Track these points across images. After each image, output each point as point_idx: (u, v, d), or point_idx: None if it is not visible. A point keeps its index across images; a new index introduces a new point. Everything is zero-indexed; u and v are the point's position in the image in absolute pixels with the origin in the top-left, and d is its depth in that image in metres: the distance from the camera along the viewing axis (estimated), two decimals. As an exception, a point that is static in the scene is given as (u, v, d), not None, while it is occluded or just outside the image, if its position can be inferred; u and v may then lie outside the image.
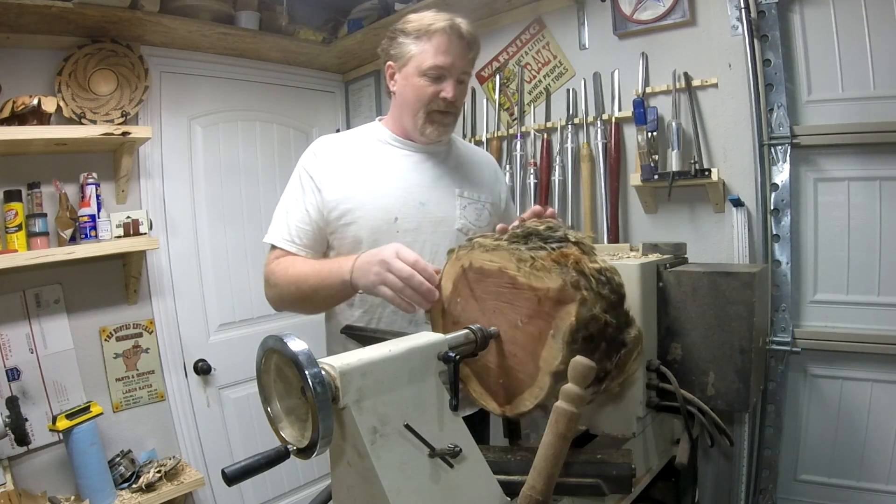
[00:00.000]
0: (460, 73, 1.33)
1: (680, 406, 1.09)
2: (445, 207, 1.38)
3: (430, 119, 1.34)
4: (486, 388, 0.98)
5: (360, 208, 1.32)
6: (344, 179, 1.34)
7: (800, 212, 1.73)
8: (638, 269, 1.10)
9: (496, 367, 0.95)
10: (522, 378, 0.90)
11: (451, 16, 1.32)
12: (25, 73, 1.98)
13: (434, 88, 1.31)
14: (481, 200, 1.44)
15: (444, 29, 1.29)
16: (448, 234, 1.37)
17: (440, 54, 1.29)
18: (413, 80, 1.33)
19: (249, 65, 2.58)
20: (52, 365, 1.99)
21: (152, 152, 2.29)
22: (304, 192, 1.35)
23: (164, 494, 1.95)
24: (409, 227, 1.33)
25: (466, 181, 1.44)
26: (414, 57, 1.32)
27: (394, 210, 1.33)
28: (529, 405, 0.89)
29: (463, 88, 1.36)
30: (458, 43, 1.30)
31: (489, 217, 1.45)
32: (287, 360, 0.71)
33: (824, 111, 1.68)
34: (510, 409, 0.93)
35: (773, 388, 1.73)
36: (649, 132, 1.87)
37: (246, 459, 0.71)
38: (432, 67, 1.30)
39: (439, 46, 1.29)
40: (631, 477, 0.95)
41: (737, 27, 1.74)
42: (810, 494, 1.75)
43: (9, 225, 1.84)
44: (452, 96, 1.31)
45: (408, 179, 1.37)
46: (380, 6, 2.47)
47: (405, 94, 1.35)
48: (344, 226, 1.32)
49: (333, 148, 1.39)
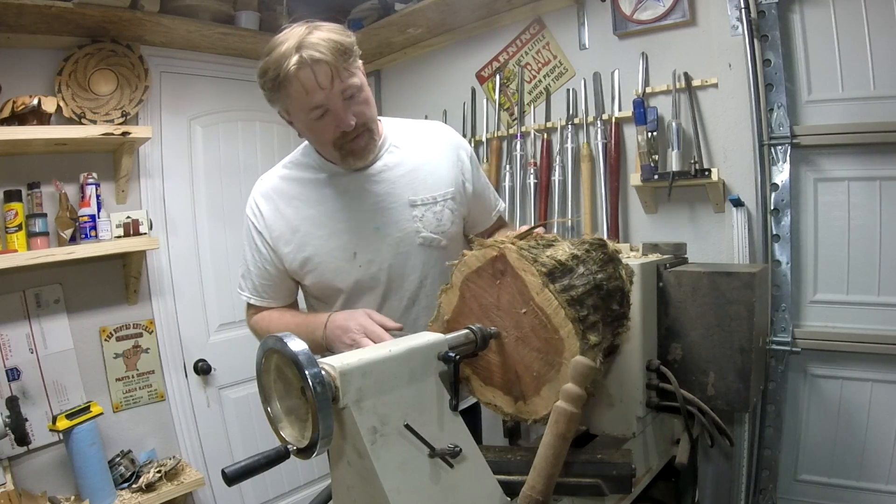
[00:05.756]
0: (342, 94, 1.17)
1: (680, 406, 1.09)
2: (401, 224, 1.29)
3: (344, 152, 1.24)
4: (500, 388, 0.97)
5: (318, 254, 1.28)
6: (293, 228, 1.29)
7: (800, 212, 1.73)
8: (638, 269, 1.10)
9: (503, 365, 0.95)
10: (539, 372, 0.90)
11: (297, 40, 1.13)
12: (25, 73, 1.98)
13: (329, 126, 1.19)
14: (438, 200, 1.32)
15: (293, 72, 1.12)
16: (411, 251, 1.30)
17: (308, 96, 1.14)
18: (307, 126, 1.22)
19: (249, 65, 2.57)
20: (52, 365, 1.99)
21: (152, 152, 2.29)
22: (259, 249, 1.32)
23: (164, 494, 1.94)
24: (370, 259, 1.28)
25: (418, 184, 1.32)
26: (291, 107, 1.21)
27: (350, 245, 1.28)
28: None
29: (359, 99, 1.20)
30: (315, 75, 1.13)
31: (451, 215, 1.34)
32: (287, 360, 0.71)
33: (824, 111, 1.68)
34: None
35: (773, 388, 1.73)
36: (649, 132, 1.87)
37: (246, 459, 0.71)
38: (311, 111, 1.17)
39: (302, 89, 1.14)
40: (631, 477, 0.95)
41: (737, 27, 1.74)
42: (810, 494, 1.75)
43: (9, 225, 1.84)
44: (348, 124, 1.18)
45: (354, 208, 1.29)
46: (380, 6, 2.47)
47: (311, 140, 1.29)
48: (308, 273, 1.30)
49: (273, 195, 1.32)
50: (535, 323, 0.87)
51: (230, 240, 2.49)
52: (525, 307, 0.88)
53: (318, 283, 1.31)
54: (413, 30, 2.44)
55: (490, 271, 0.93)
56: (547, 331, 0.86)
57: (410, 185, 1.32)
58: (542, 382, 0.88)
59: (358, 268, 1.29)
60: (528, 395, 0.91)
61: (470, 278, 0.96)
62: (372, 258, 1.29)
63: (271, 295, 1.35)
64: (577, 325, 0.84)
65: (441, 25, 2.43)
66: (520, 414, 0.93)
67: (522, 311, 0.89)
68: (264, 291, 1.35)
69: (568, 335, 0.84)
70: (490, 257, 0.92)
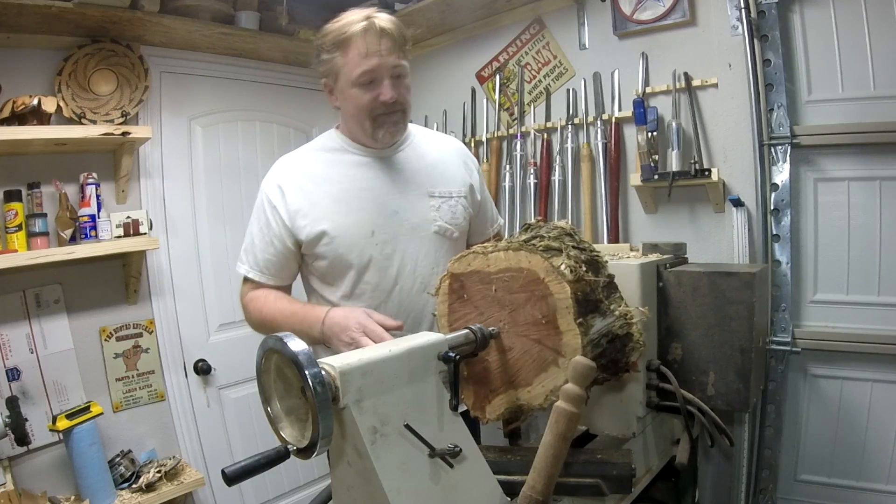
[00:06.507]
0: (392, 69, 1.26)
1: (680, 406, 1.09)
2: (419, 212, 1.36)
3: (377, 123, 1.30)
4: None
5: (335, 228, 1.30)
6: (312, 201, 1.32)
7: (800, 212, 1.73)
8: (638, 269, 1.11)
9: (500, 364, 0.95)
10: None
11: (367, 13, 1.26)
12: (25, 73, 1.98)
13: (370, 95, 1.26)
14: (454, 196, 1.41)
15: (359, 32, 1.22)
16: (426, 239, 1.35)
17: (364, 59, 1.23)
18: (348, 92, 1.28)
19: (249, 65, 2.58)
20: (52, 365, 1.98)
21: (152, 152, 2.29)
22: (269, 223, 1.33)
23: (164, 494, 1.94)
24: (386, 239, 1.32)
25: (436, 177, 1.40)
26: (341, 70, 1.27)
27: (368, 224, 1.31)
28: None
29: (402, 83, 1.30)
30: (379, 40, 1.23)
31: (463, 212, 1.42)
32: (287, 360, 0.71)
33: (824, 111, 1.68)
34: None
35: (773, 388, 1.73)
36: (649, 132, 1.87)
37: (246, 459, 0.72)
38: (361, 75, 1.24)
39: (361, 51, 1.23)
40: (631, 477, 0.95)
41: (737, 27, 1.74)
42: (810, 494, 1.75)
43: (9, 225, 1.83)
44: (390, 97, 1.26)
45: (377, 189, 1.34)
46: (380, 6, 2.47)
47: (347, 108, 1.33)
48: (322, 247, 1.31)
49: (294, 170, 1.36)
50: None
51: (230, 240, 2.49)
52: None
53: (332, 258, 1.32)
54: (413, 30, 2.42)
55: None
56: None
57: (430, 177, 1.39)
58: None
59: (374, 245, 1.31)
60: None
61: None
62: (388, 239, 1.32)
63: (272, 272, 1.35)
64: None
65: (441, 25, 2.43)
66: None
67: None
68: (265, 267, 1.35)
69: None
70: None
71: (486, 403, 0.97)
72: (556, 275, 0.86)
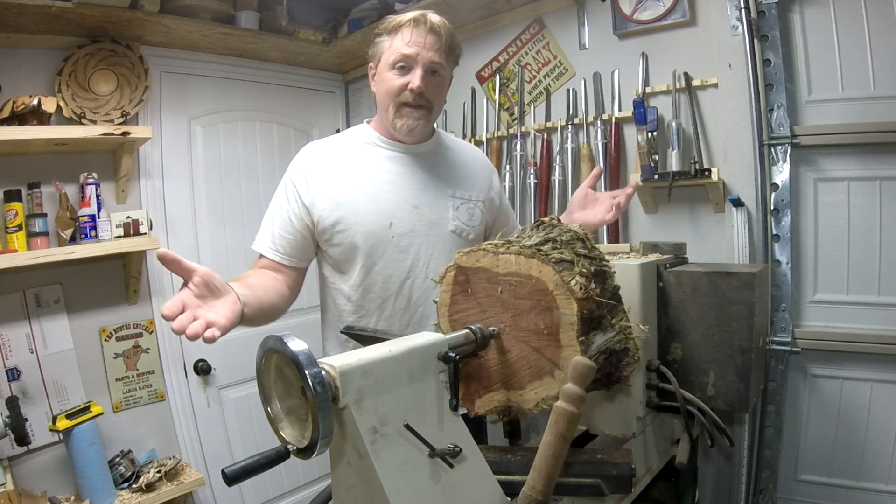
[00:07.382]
0: (429, 64, 1.30)
1: (680, 406, 1.09)
2: (438, 210, 1.38)
3: (399, 113, 1.33)
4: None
5: (354, 214, 1.32)
6: (335, 186, 1.34)
7: (800, 212, 1.73)
8: (638, 269, 1.10)
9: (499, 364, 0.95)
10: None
11: (423, 11, 1.33)
12: (25, 73, 1.98)
13: (401, 80, 1.30)
14: (473, 199, 1.44)
15: (410, 21, 1.29)
16: (442, 237, 1.37)
17: (405, 45, 1.29)
18: (384, 75, 1.33)
19: (249, 65, 2.58)
20: (52, 365, 1.99)
21: (152, 152, 2.29)
22: (289, 201, 1.35)
23: (164, 494, 1.94)
24: (403, 231, 1.34)
25: (458, 180, 1.44)
26: (384, 53, 1.33)
27: (387, 215, 1.33)
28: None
29: (435, 81, 1.33)
30: (424, 33, 1.29)
31: (481, 216, 1.45)
32: (287, 360, 0.71)
33: (824, 111, 1.68)
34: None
35: (773, 388, 1.73)
36: (649, 132, 1.87)
37: (246, 459, 0.71)
38: (399, 59, 1.30)
39: (406, 39, 1.29)
40: (631, 477, 0.95)
41: (737, 27, 1.74)
42: (810, 494, 1.75)
43: (9, 225, 1.83)
44: (418, 86, 1.29)
45: (399, 183, 1.36)
46: (380, 6, 2.47)
47: (379, 91, 1.37)
48: (339, 232, 1.32)
49: (322, 154, 1.39)
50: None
51: (230, 240, 2.49)
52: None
53: (347, 245, 1.33)
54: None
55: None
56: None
57: (451, 179, 1.43)
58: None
59: (391, 238, 1.33)
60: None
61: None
62: (405, 232, 1.34)
63: (286, 249, 1.35)
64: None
65: (441, 25, 2.43)
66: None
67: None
68: (280, 244, 1.35)
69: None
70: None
71: (476, 397, 0.97)
72: (566, 290, 0.86)
